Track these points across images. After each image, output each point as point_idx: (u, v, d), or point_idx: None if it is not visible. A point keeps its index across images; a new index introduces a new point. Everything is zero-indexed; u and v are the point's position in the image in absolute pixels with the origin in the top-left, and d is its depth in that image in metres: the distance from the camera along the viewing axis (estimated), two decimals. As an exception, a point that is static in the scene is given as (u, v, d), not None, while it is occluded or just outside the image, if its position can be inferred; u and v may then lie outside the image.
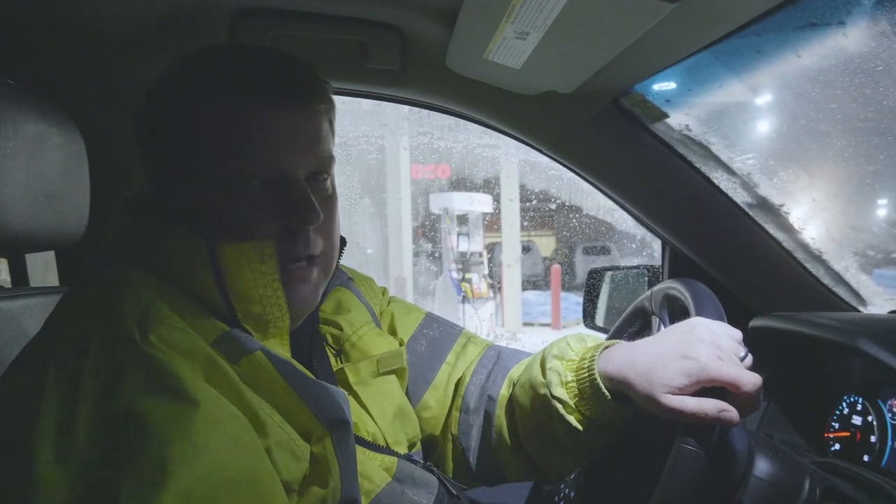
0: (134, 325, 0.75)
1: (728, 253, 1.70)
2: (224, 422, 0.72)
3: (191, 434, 0.68)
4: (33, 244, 1.20)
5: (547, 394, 1.08)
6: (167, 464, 0.65)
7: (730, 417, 0.89)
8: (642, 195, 1.71)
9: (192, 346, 0.77)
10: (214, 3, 1.25)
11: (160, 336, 0.75)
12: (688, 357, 0.94)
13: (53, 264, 1.62)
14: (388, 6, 1.26)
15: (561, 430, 1.08)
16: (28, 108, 1.11)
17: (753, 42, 1.22)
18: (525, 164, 12.00)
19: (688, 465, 0.87)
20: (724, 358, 0.93)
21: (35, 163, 1.11)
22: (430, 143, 11.89)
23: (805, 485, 0.99)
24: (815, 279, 1.65)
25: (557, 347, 1.13)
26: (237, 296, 0.86)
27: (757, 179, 1.61)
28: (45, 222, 1.15)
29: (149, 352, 0.73)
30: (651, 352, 0.99)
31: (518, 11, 1.01)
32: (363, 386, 1.10)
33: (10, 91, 1.08)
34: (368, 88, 1.61)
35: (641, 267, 2.02)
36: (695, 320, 1.02)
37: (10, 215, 1.06)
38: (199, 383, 0.73)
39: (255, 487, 0.71)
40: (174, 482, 0.64)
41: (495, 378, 1.23)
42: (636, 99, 1.46)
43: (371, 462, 1.02)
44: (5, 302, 1.14)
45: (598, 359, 1.05)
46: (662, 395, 0.93)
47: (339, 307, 1.16)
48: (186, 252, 0.85)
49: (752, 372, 0.92)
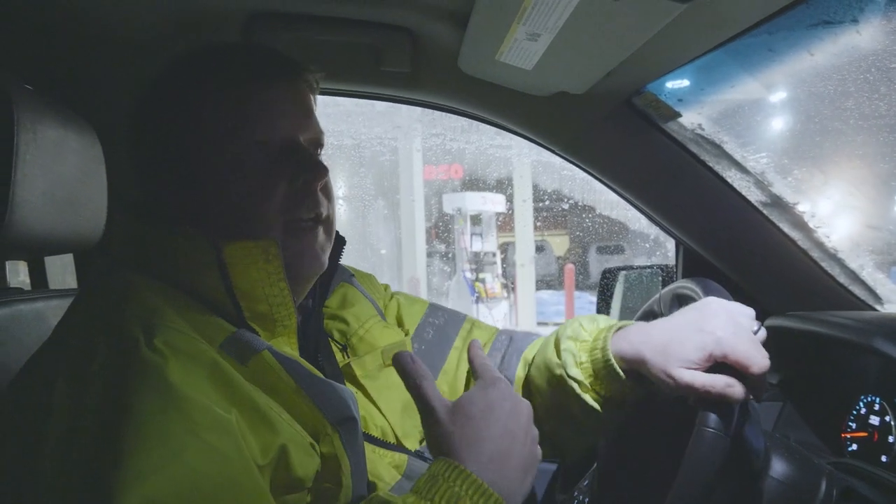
0: (139, 330, 0.76)
1: (742, 252, 1.69)
2: (207, 430, 0.72)
3: (169, 440, 0.69)
4: (52, 247, 1.22)
5: (563, 374, 1.09)
6: (142, 467, 0.66)
7: (735, 393, 0.90)
8: (655, 194, 1.70)
9: (196, 351, 0.78)
10: (229, 8, 1.27)
11: (165, 340, 0.76)
12: (704, 331, 0.95)
13: (72, 267, 1.64)
14: (400, 9, 1.26)
15: (577, 409, 1.09)
16: (47, 114, 1.13)
17: (766, 41, 1.22)
18: (538, 164, 11.98)
19: (708, 447, 0.88)
20: (739, 333, 0.94)
21: (54, 167, 1.13)
22: (443, 145, 11.89)
23: (821, 485, 0.99)
24: (830, 278, 1.64)
25: (571, 328, 1.14)
26: (243, 295, 0.87)
27: (771, 178, 1.60)
28: (64, 226, 1.17)
29: (148, 356, 0.73)
30: (667, 328, 1.01)
31: (529, 13, 1.02)
32: (370, 380, 1.11)
33: (29, 97, 1.09)
34: (381, 91, 1.62)
35: (655, 267, 2.01)
36: (708, 299, 1.04)
37: (30, 219, 1.08)
38: (189, 391, 0.73)
39: (235, 497, 0.71)
40: (144, 485, 0.65)
41: (510, 360, 1.25)
42: (648, 98, 1.46)
43: (381, 460, 1.03)
44: (26, 304, 1.16)
45: (612, 338, 1.06)
46: (677, 368, 0.95)
47: (344, 302, 1.18)
48: (192, 253, 0.87)
49: (763, 352, 0.93)
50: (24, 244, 1.10)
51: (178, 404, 0.71)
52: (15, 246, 1.10)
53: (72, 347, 0.78)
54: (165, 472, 0.67)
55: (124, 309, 0.80)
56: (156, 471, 0.66)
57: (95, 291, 0.88)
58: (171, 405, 0.71)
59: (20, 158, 1.05)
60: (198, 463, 0.69)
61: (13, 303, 1.14)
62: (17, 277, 1.34)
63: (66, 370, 0.74)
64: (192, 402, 0.73)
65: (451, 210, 12.01)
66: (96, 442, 0.68)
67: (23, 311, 1.15)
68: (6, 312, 1.11)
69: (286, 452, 0.78)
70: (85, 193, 1.22)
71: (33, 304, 1.17)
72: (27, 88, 1.12)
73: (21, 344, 1.11)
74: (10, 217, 1.04)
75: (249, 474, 0.73)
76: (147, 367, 0.73)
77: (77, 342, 0.79)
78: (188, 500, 0.67)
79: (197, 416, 0.72)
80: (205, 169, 0.91)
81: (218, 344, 0.82)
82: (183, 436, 0.70)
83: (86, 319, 0.82)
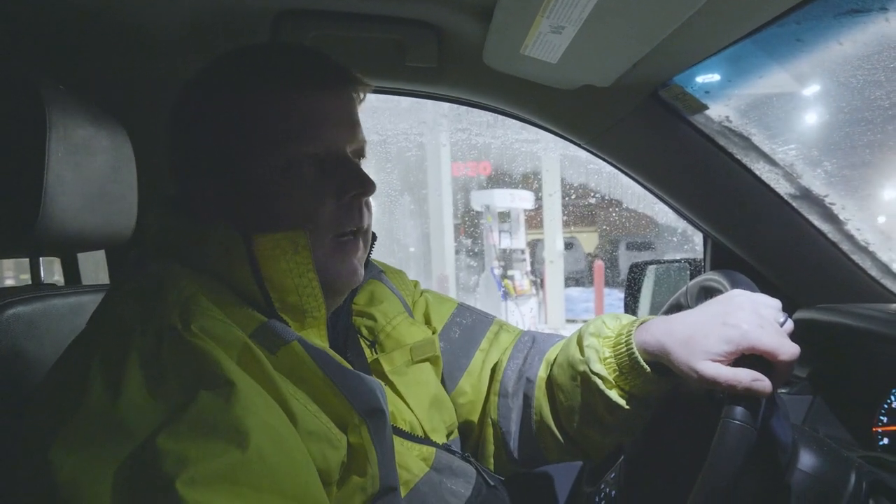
0: (176, 315, 0.78)
1: (771, 244, 1.67)
2: (262, 409, 0.74)
3: (234, 421, 0.70)
4: (85, 244, 1.25)
5: (586, 370, 1.09)
6: (215, 448, 0.68)
7: (763, 387, 0.89)
8: (683, 188, 1.69)
9: (230, 336, 0.79)
10: (257, 6, 1.28)
11: (201, 326, 0.78)
12: (728, 324, 0.94)
13: (104, 263, 1.67)
14: (425, 4, 1.27)
15: (602, 406, 1.09)
16: (78, 113, 1.15)
17: (793, 31, 1.20)
18: (564, 159, 11.91)
19: (734, 440, 0.86)
20: (765, 325, 0.93)
21: (85, 165, 1.15)
22: (469, 140, 11.87)
23: (851, 478, 0.97)
24: (861, 270, 1.62)
25: (594, 325, 1.14)
26: (273, 286, 0.89)
27: (800, 170, 1.58)
28: (96, 223, 1.19)
29: (191, 340, 0.75)
30: (691, 321, 0.99)
31: (553, 6, 1.02)
32: (398, 375, 1.12)
33: (60, 96, 1.11)
34: (407, 86, 1.63)
35: (683, 260, 2.00)
36: (733, 292, 1.02)
37: (62, 216, 1.10)
38: (238, 371, 0.76)
39: (295, 472, 0.73)
40: (222, 466, 0.67)
41: (532, 361, 1.24)
42: (675, 91, 1.45)
43: (409, 452, 1.03)
44: (59, 299, 1.18)
45: (636, 332, 1.06)
46: (701, 361, 0.93)
47: (372, 299, 1.18)
48: (224, 246, 0.88)
49: (791, 342, 0.92)
50: (57, 241, 1.13)
51: (234, 383, 0.73)
52: (48, 243, 1.12)
53: (109, 332, 0.80)
54: (239, 450, 0.68)
55: (162, 295, 0.81)
56: (228, 451, 0.68)
57: (133, 278, 0.89)
58: (227, 385, 0.73)
59: (52, 157, 1.07)
60: (263, 441, 0.70)
61: (47, 297, 1.16)
62: (53, 277, 1.36)
63: (102, 353, 0.75)
64: (245, 381, 0.75)
65: (479, 207, 11.99)
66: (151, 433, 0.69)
67: (56, 305, 1.17)
68: (40, 307, 1.13)
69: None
70: (116, 190, 1.25)
71: (66, 298, 1.19)
72: (59, 87, 1.14)
73: (55, 337, 1.13)
74: (43, 214, 1.07)
75: (302, 451, 0.76)
76: (192, 351, 0.75)
77: (115, 327, 0.80)
78: (262, 477, 0.69)
79: (252, 395, 0.74)
80: (249, 172, 0.92)
81: (249, 333, 0.83)
82: (244, 414, 0.71)
83: (124, 305, 0.83)
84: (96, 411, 0.70)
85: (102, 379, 0.72)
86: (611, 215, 14.19)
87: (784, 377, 0.92)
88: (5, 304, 1.08)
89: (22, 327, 1.09)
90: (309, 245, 0.89)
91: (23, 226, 1.07)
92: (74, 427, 0.70)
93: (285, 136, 0.91)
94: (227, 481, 0.67)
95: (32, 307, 1.12)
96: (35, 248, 1.21)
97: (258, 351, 0.80)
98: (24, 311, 1.10)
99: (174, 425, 0.68)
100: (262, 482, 0.69)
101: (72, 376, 0.76)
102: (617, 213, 13.94)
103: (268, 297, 0.89)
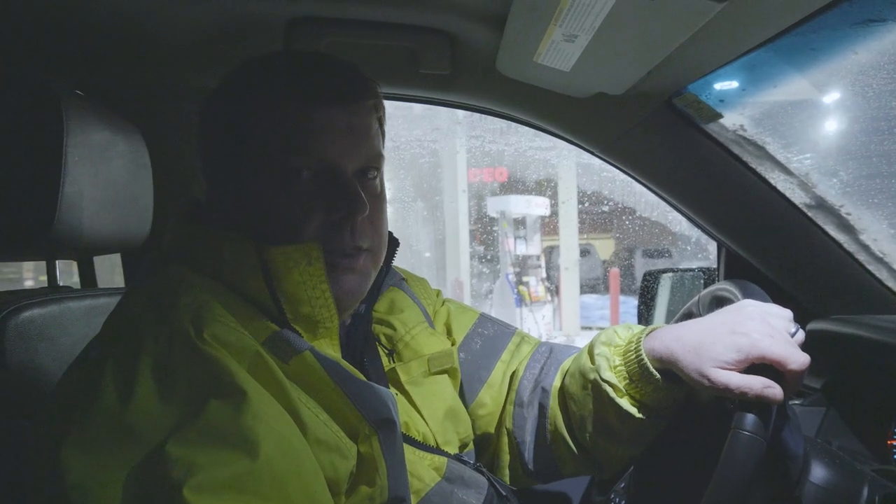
0: (189, 322, 0.78)
1: (785, 254, 1.66)
2: (272, 418, 0.75)
3: (244, 429, 0.71)
4: (101, 247, 1.26)
5: (597, 378, 1.09)
6: (224, 456, 0.68)
7: (774, 394, 0.88)
8: (697, 197, 1.69)
9: (242, 344, 0.80)
10: (270, 13, 1.29)
11: (213, 333, 0.78)
12: (737, 333, 0.94)
13: (119, 267, 1.69)
14: (439, 12, 1.27)
15: (613, 415, 1.08)
16: (95, 118, 1.17)
17: (808, 40, 1.20)
18: (578, 166, 11.90)
19: (744, 451, 0.86)
20: (775, 335, 0.93)
21: (102, 170, 1.17)
22: (483, 147, 11.88)
23: (863, 492, 0.97)
24: (877, 281, 1.61)
25: (605, 335, 1.14)
26: (286, 297, 0.89)
27: (815, 179, 1.57)
28: (112, 227, 1.21)
29: (203, 348, 0.76)
30: (700, 329, 0.99)
31: (566, 14, 1.02)
32: (414, 385, 1.11)
33: (78, 102, 1.13)
34: (420, 93, 1.63)
35: (697, 269, 2.00)
36: (744, 302, 1.02)
37: (78, 220, 1.12)
38: (249, 379, 0.76)
39: (304, 482, 0.73)
40: (230, 475, 0.67)
41: (548, 371, 1.24)
42: (689, 99, 1.45)
43: (421, 462, 1.03)
44: (75, 302, 1.19)
45: (645, 339, 1.06)
46: (711, 369, 0.93)
47: (392, 307, 1.18)
48: (237, 256, 0.89)
49: (801, 352, 0.91)
50: (73, 244, 1.14)
51: (244, 392, 0.73)
52: (64, 246, 1.14)
53: (123, 337, 0.80)
54: (247, 459, 0.69)
55: (175, 301, 0.82)
56: (237, 459, 0.69)
57: (148, 283, 0.90)
58: (237, 393, 0.73)
59: (68, 161, 1.09)
60: (272, 450, 0.71)
61: (63, 300, 1.17)
62: (72, 279, 1.38)
63: (115, 357, 0.76)
64: (255, 389, 0.75)
65: (494, 213, 11.98)
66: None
67: (72, 308, 1.18)
68: (57, 309, 1.15)
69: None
70: (131, 195, 1.26)
71: (81, 301, 1.21)
72: (76, 93, 1.16)
73: (71, 340, 1.14)
74: (59, 218, 1.08)
75: (311, 460, 0.76)
76: (202, 359, 0.75)
77: (128, 331, 0.81)
78: (269, 485, 0.69)
79: (262, 404, 0.75)
80: (251, 183, 0.92)
81: (261, 341, 0.83)
82: (254, 423, 0.72)
83: (138, 310, 0.84)
84: (107, 415, 0.71)
85: (115, 383, 0.73)
86: (624, 223, 14.14)
87: (794, 387, 0.92)
88: (21, 307, 1.09)
89: (38, 329, 1.10)
90: (322, 258, 0.89)
91: (39, 229, 1.09)
92: (86, 429, 0.70)
93: (282, 148, 0.91)
94: (234, 490, 0.67)
95: (48, 310, 1.13)
96: (51, 251, 1.23)
97: (270, 359, 0.81)
98: (39, 313, 1.11)
99: (184, 432, 0.69)
100: (269, 491, 0.69)
101: (86, 379, 0.76)
102: (630, 221, 13.89)
103: (280, 308, 0.89)
